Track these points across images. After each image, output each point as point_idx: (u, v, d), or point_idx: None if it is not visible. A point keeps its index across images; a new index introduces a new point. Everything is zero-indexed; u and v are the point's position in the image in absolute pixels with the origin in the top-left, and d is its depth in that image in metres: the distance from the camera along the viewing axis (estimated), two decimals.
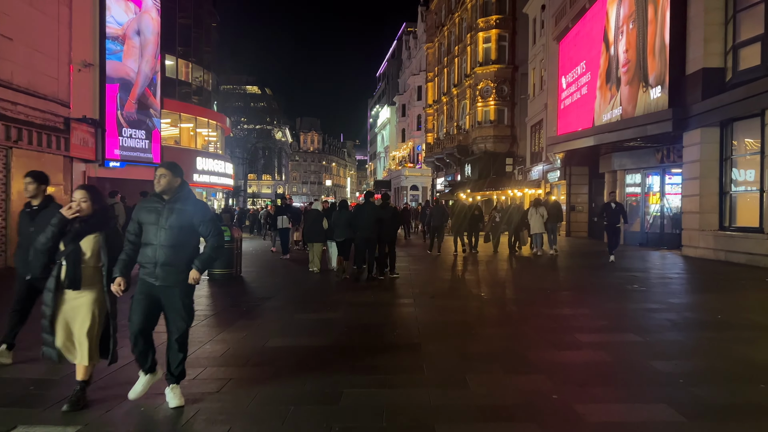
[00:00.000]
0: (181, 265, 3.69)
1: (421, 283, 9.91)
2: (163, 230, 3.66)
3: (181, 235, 3.69)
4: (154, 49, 24.52)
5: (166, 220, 3.67)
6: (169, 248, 3.64)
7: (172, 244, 3.66)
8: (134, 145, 23.74)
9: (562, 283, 9.82)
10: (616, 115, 17.39)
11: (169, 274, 3.66)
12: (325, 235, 11.24)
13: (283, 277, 11.05)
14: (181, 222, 3.69)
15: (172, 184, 3.77)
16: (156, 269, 3.64)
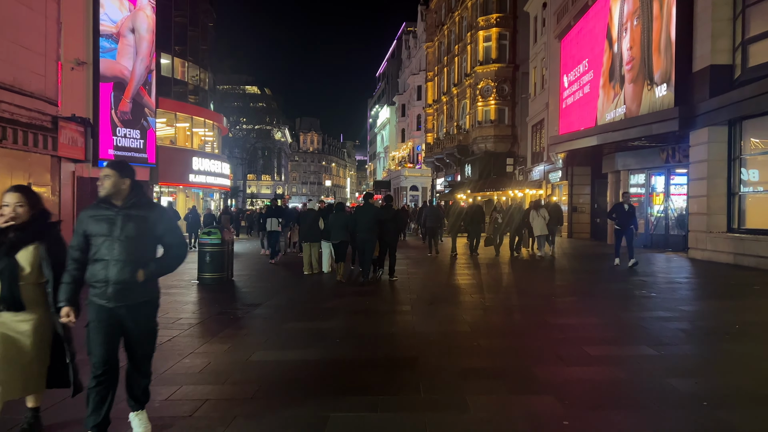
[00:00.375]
0: (141, 282, 3.14)
1: (419, 287, 9.51)
2: (117, 242, 3.07)
3: (140, 248, 3.14)
4: (149, 47, 24.12)
5: (122, 230, 3.08)
6: (125, 264, 3.06)
7: (130, 258, 3.08)
8: (129, 144, 23.34)
9: (566, 289, 9.41)
10: (620, 114, 16.99)
11: (127, 293, 3.09)
12: (321, 236, 11.11)
13: (275, 282, 10.64)
14: (141, 231, 3.13)
15: (118, 187, 3.15)
16: (109, 289, 3.06)
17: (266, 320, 6.79)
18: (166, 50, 26.07)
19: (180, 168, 25.96)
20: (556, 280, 10.66)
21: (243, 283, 10.30)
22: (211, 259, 10.07)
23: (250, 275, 11.41)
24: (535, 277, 11.18)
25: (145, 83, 24.05)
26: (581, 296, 8.46)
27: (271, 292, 9.12)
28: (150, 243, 3.22)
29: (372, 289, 9.42)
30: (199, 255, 10.20)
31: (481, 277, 10.97)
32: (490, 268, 12.37)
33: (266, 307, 7.72)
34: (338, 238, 10.22)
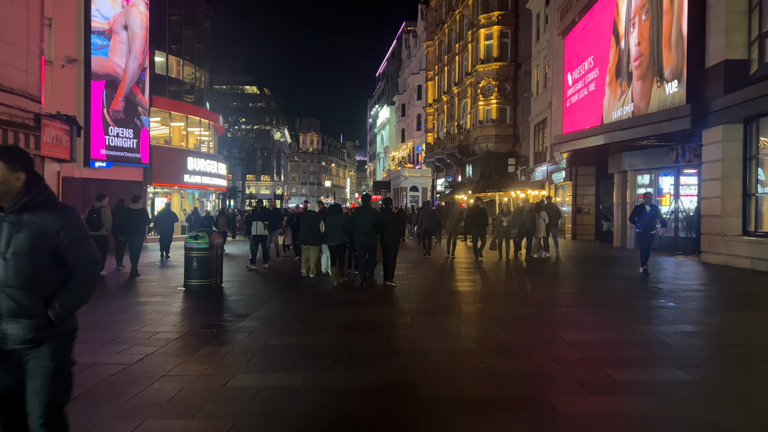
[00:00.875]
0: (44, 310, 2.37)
1: (420, 295, 8.90)
2: (3, 261, 2.31)
3: (38, 266, 2.35)
4: (143, 44, 23.52)
5: (7, 244, 2.31)
6: (18, 291, 2.30)
7: (23, 283, 2.31)
8: (121, 144, 22.74)
9: (577, 297, 8.79)
10: (627, 112, 16.39)
11: (24, 329, 2.32)
12: (321, 239, 10.84)
13: (267, 289, 10.03)
14: (36, 244, 2.34)
15: (8, 183, 2.35)
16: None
17: (252, 335, 6.19)
18: (160, 48, 25.46)
19: (175, 168, 25.35)
20: (565, 287, 10.05)
21: (233, 290, 9.70)
22: (198, 265, 9.46)
23: (241, 282, 10.80)
24: (543, 283, 10.56)
25: (138, 81, 23.45)
26: (594, 306, 7.84)
27: (261, 301, 8.51)
28: (52, 260, 2.40)
29: (369, 296, 8.82)
30: (185, 260, 9.59)
31: (485, 283, 10.36)
32: (493, 274, 11.76)
33: (254, 318, 7.11)
34: (336, 241, 9.92)
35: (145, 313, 7.46)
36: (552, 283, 10.60)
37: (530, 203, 14.86)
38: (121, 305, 8.09)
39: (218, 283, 9.89)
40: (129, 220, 11.66)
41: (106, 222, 11.45)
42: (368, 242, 9.49)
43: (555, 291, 9.48)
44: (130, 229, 11.60)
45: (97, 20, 21.90)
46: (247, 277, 11.41)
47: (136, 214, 11.99)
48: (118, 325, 6.74)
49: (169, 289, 9.63)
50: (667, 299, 8.19)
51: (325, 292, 9.48)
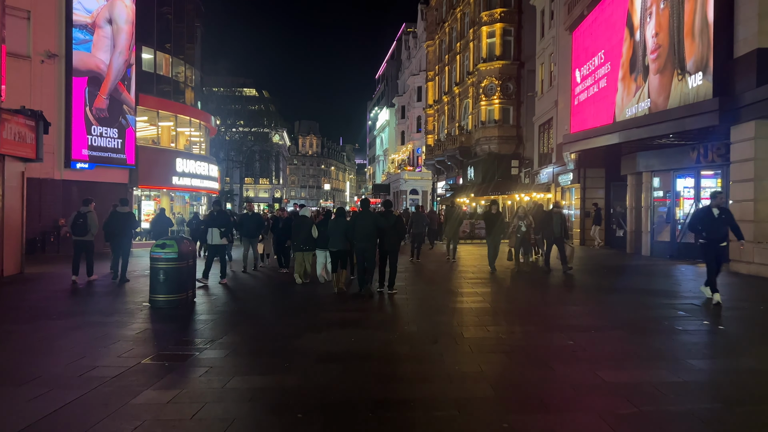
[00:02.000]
0: None
1: (420, 313, 7.69)
2: None
3: None
4: (128, 39, 22.36)
5: None
6: None
7: None
8: (105, 144, 21.55)
9: (604, 317, 7.55)
10: (644, 109, 15.19)
11: None
12: (314, 244, 10.60)
13: (244, 305, 8.79)
14: None
15: None
16: None
17: (210, 372, 4.95)
18: (148, 44, 24.29)
19: (163, 170, 24.14)
20: (585, 303, 8.81)
21: (206, 306, 8.47)
22: (165, 278, 8.23)
23: (218, 295, 9.57)
24: (559, 298, 9.33)
25: (123, 78, 22.28)
26: (626, 329, 6.60)
27: (234, 321, 7.28)
28: None
29: (360, 315, 7.60)
30: (151, 272, 8.37)
31: (494, 298, 9.12)
32: (502, 286, 10.53)
33: (220, 345, 5.88)
34: (337, 247, 9.46)
35: (92, 338, 6.24)
36: (569, 297, 9.36)
37: (560, 206, 13.29)
38: (67, 326, 6.86)
39: (190, 297, 8.66)
40: (115, 224, 11.09)
41: (92, 227, 10.98)
42: (368, 248, 9.03)
43: (575, 308, 8.24)
44: (117, 233, 11.08)
45: (79, 13, 20.75)
46: (224, 290, 10.17)
47: (123, 217, 11.29)
48: (51, 355, 5.52)
49: (133, 305, 8.41)
50: (710, 320, 6.96)
51: (312, 307, 8.26)
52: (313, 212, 13.20)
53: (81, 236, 10.83)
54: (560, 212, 12.87)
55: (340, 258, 9.54)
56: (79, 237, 10.84)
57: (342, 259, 9.55)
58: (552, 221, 12.45)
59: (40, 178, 19.86)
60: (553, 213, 12.83)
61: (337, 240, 9.41)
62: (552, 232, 12.42)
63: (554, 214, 12.75)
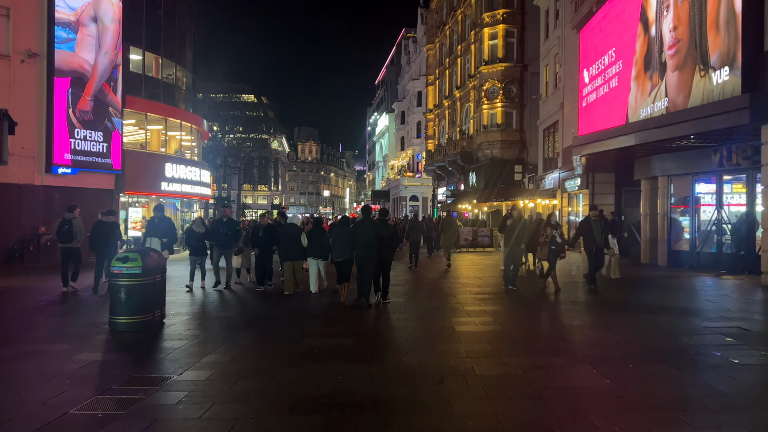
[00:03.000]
0: None
1: (421, 339, 6.58)
2: None
3: None
4: (115, 38, 21.35)
5: None
6: None
7: None
8: (89, 148, 20.49)
9: (639, 344, 6.41)
10: (660, 109, 14.13)
11: None
12: (304, 253, 10.25)
13: (219, 328, 7.64)
14: None
15: None
16: None
17: (151, 427, 3.83)
18: (136, 44, 23.29)
19: (151, 175, 23.06)
20: (612, 325, 7.67)
21: (175, 329, 7.35)
22: (127, 296, 7.13)
23: (193, 313, 8.46)
24: (583, 320, 8.19)
25: (109, 80, 21.25)
26: (670, 361, 5.48)
27: (201, 350, 6.16)
28: None
29: (352, 341, 6.48)
30: (110, 290, 7.27)
31: (507, 319, 8.00)
32: (514, 304, 9.41)
33: (175, 386, 4.77)
34: (341, 257, 9.11)
35: (22, 375, 5.13)
36: (592, 318, 8.23)
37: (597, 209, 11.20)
38: (1, 355, 5.74)
39: (158, 318, 7.55)
40: (100, 234, 10.59)
41: (78, 234, 10.71)
42: (369, 257, 8.72)
43: (602, 332, 7.11)
44: (100, 243, 10.62)
45: (62, 11, 19.75)
46: (202, 308, 9.05)
47: (108, 227, 10.80)
48: None
49: (90, 328, 7.30)
50: (757, 347, 5.85)
51: (296, 331, 7.14)
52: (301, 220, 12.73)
53: (67, 243, 10.60)
54: (601, 218, 11.02)
55: (345, 268, 9.16)
56: (65, 244, 10.62)
57: (347, 269, 9.18)
58: (592, 229, 10.63)
59: (19, 184, 18.80)
60: (591, 219, 10.77)
61: (342, 249, 9.04)
62: (594, 241, 10.53)
63: (594, 220, 10.73)
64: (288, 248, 10.28)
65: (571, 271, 14.08)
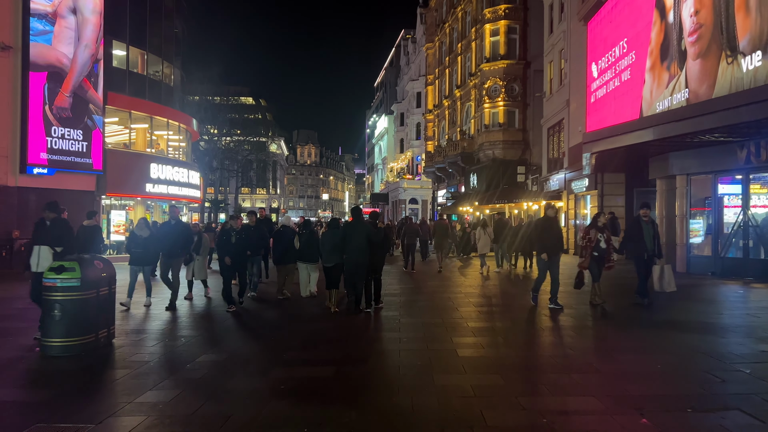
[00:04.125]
0: None
1: (417, 366, 5.36)
2: None
3: None
4: (96, 31, 20.19)
5: None
6: None
7: None
8: (68, 147, 19.31)
9: (688, 375, 5.17)
10: (680, 101, 12.93)
11: None
12: (296, 256, 9.88)
13: (174, 351, 6.41)
14: None
15: None
16: None
17: None
18: (119, 38, 22.13)
19: (135, 176, 21.85)
20: (649, 349, 6.42)
21: (123, 351, 6.13)
22: (62, 314, 5.91)
23: (155, 332, 7.23)
24: (612, 342, 6.94)
25: (90, 75, 20.08)
26: (745, 405, 4.24)
27: (142, 384, 4.93)
28: None
29: (332, 371, 5.25)
30: (42, 307, 6.05)
31: (520, 341, 6.76)
32: (523, 320, 8.17)
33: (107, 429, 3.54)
34: (331, 261, 8.75)
35: None
36: (623, 340, 6.98)
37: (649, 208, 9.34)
38: None
39: (104, 339, 6.32)
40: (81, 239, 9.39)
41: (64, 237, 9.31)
42: (361, 261, 8.42)
43: (640, 361, 5.85)
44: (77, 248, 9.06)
45: (39, 1, 18.57)
46: (169, 324, 7.82)
47: (89, 231, 10.08)
48: None
49: (22, 352, 6.07)
50: None
51: (267, 354, 5.93)
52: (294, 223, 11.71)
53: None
54: (651, 219, 9.21)
55: (335, 274, 8.74)
56: None
57: (336, 274, 8.78)
58: (642, 231, 8.84)
59: None
60: (642, 219, 8.95)
61: (332, 254, 8.66)
62: (645, 246, 8.75)
63: (645, 220, 8.91)
64: (282, 252, 10.05)
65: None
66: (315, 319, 7.99)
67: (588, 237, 9.02)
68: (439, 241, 15.96)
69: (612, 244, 9.06)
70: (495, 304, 9.36)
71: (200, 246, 10.04)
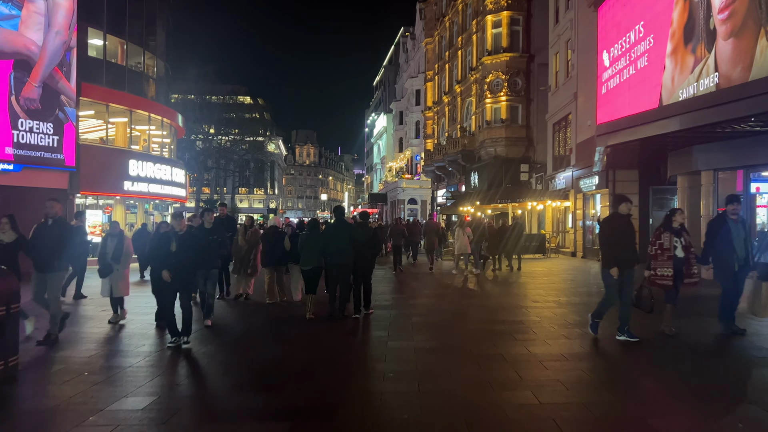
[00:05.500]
0: None
1: (409, 424, 3.88)
2: None
3: None
4: (68, 17, 18.74)
5: None
6: None
7: None
8: (37, 141, 17.86)
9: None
10: (708, 87, 11.48)
11: None
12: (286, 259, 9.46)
13: (93, 388, 4.94)
14: None
15: None
16: None
17: None
18: (96, 26, 20.67)
19: (112, 173, 20.39)
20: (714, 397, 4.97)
21: (26, 389, 4.66)
22: None
23: (72, 361, 5.77)
24: (664, 394, 5.48)
25: (61, 64, 18.63)
26: None
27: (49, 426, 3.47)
28: None
29: (294, 426, 3.79)
30: None
31: (555, 384, 5.27)
32: (553, 343, 6.70)
33: None
34: (310, 264, 8.29)
35: None
36: (675, 381, 5.51)
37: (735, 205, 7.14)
38: None
39: (10, 370, 4.87)
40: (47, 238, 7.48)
41: None
42: (343, 264, 8.09)
43: (711, 415, 4.41)
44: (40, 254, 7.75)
45: None
46: (88, 354, 6.35)
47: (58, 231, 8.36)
48: None
49: None
50: None
51: (209, 396, 4.48)
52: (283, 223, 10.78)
53: None
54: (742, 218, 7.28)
55: (314, 278, 8.30)
56: None
57: (315, 278, 8.35)
58: (731, 234, 6.86)
59: None
60: (729, 219, 7.03)
61: (311, 256, 8.18)
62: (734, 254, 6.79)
63: (732, 219, 7.03)
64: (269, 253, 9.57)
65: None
66: (284, 337, 6.55)
67: (659, 243, 6.77)
68: (430, 242, 16.34)
69: (693, 251, 6.87)
70: (503, 320, 7.88)
71: (120, 253, 7.95)
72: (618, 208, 6.75)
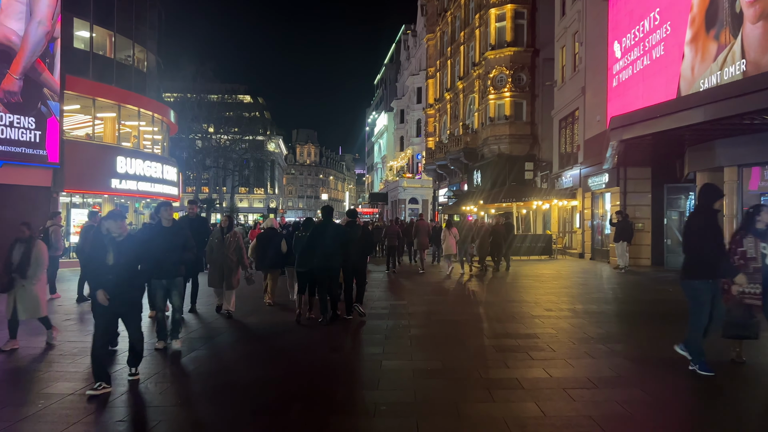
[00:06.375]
0: None
1: None
2: None
3: None
4: (52, 6, 17.84)
5: None
6: None
7: None
8: (17, 136, 16.98)
9: None
10: (734, 75, 10.55)
11: None
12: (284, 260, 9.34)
13: (41, 422, 4.02)
14: None
15: None
16: None
17: None
18: (83, 16, 19.77)
19: (98, 170, 19.48)
20: None
21: None
22: None
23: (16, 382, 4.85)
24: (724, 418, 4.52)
25: (44, 55, 17.74)
26: None
27: None
28: None
29: None
30: None
31: (573, 398, 4.34)
32: (584, 364, 5.77)
33: None
34: (305, 266, 7.95)
35: None
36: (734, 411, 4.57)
37: None
38: None
39: None
40: None
41: None
42: (331, 267, 7.86)
43: None
44: None
45: None
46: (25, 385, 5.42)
47: None
48: None
49: None
50: None
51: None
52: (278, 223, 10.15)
53: None
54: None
55: (308, 280, 7.97)
56: None
57: (310, 281, 7.99)
58: None
59: None
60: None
61: (305, 258, 7.87)
62: None
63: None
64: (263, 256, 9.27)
65: None
66: (261, 357, 5.61)
67: (741, 251, 5.41)
68: (420, 242, 16.31)
69: None
70: (514, 334, 6.94)
71: (27, 263, 6.27)
72: (713, 203, 5.46)
